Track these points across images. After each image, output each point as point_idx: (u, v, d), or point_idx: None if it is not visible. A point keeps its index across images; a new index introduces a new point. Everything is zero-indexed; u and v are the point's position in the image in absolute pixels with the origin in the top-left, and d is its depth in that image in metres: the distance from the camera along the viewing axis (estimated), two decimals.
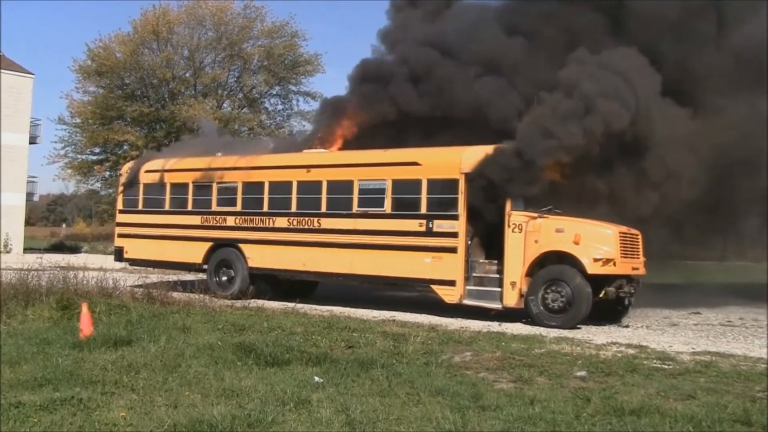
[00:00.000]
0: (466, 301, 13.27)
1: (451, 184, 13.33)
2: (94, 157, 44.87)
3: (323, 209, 14.89)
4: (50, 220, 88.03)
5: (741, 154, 14.48)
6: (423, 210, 13.65)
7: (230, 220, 16.16)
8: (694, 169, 13.85)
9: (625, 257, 12.73)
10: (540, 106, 13.12)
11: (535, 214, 12.78)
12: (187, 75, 44.70)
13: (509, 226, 12.87)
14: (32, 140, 38.93)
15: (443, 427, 5.77)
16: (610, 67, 13.17)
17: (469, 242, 13.29)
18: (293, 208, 15.28)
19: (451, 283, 13.27)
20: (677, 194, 13.81)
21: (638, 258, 13.32)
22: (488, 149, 13.18)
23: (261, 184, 15.78)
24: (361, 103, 16.35)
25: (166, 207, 17.13)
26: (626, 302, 13.30)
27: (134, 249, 17.51)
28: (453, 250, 13.24)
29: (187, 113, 41.13)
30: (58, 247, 38.58)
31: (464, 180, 13.15)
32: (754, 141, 14.25)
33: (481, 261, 13.46)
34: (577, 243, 12.44)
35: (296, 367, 7.87)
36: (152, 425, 5.62)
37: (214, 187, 16.41)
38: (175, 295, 12.60)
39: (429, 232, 13.53)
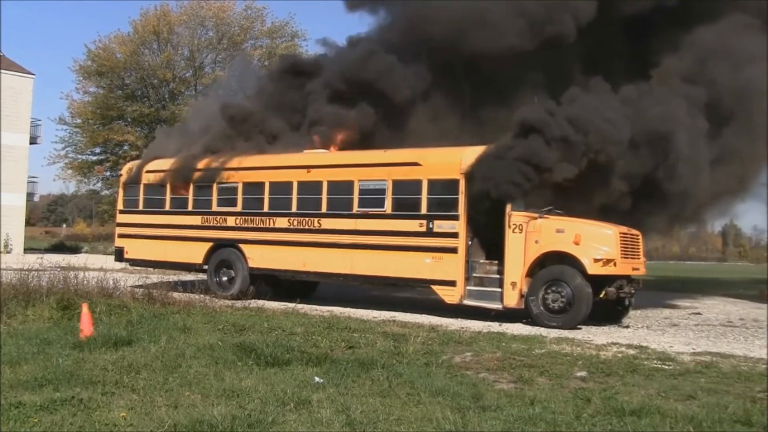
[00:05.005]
0: (467, 302, 13.27)
1: (451, 185, 13.33)
2: (95, 158, 44.93)
3: (323, 209, 14.89)
4: (50, 221, 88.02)
5: None
6: (423, 210, 13.64)
7: (230, 221, 16.16)
8: None
9: (625, 257, 12.73)
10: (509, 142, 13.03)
11: (536, 215, 12.78)
12: (188, 75, 44.71)
13: (509, 226, 12.86)
14: (32, 140, 38.94)
15: (443, 428, 5.76)
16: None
17: (470, 242, 13.29)
18: (293, 209, 15.28)
19: (452, 283, 13.27)
20: None
21: (638, 258, 13.33)
22: (488, 149, 13.18)
23: (261, 185, 15.78)
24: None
25: (167, 207, 17.13)
26: (626, 302, 13.32)
27: (134, 249, 17.51)
28: (453, 250, 13.23)
29: (188, 113, 41.11)
30: (59, 248, 38.58)
31: (464, 180, 13.15)
32: None
33: (481, 261, 13.46)
34: (577, 243, 12.43)
35: (296, 368, 7.86)
36: (152, 425, 5.62)
37: (215, 187, 16.42)
38: (176, 295, 12.59)
39: (429, 233, 13.52)
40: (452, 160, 13.42)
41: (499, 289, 12.96)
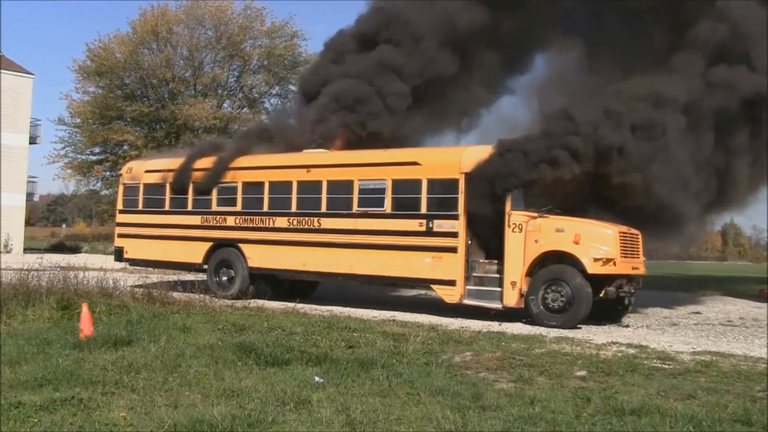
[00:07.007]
0: (466, 301, 13.27)
1: (451, 184, 13.32)
2: (94, 157, 44.94)
3: (323, 209, 14.89)
4: (50, 220, 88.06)
5: None
6: (423, 210, 13.64)
7: (230, 220, 16.15)
8: None
9: (625, 257, 12.73)
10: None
11: (536, 214, 12.78)
12: (187, 75, 44.71)
13: (509, 225, 12.86)
14: (32, 140, 38.97)
15: (443, 427, 5.77)
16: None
17: (469, 242, 13.29)
18: (293, 208, 15.28)
19: (452, 282, 13.27)
20: None
21: (638, 257, 13.33)
22: (488, 149, 13.19)
23: (261, 184, 15.78)
24: None
25: (166, 207, 17.13)
26: (626, 302, 13.32)
27: (134, 249, 17.51)
28: (453, 249, 13.23)
29: (187, 113, 41.16)
30: (58, 248, 38.57)
31: (464, 180, 13.15)
32: None
33: (481, 261, 13.46)
34: (577, 243, 12.43)
35: (296, 367, 7.86)
36: (152, 425, 5.62)
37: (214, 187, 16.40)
38: (175, 295, 12.59)
39: (429, 232, 13.52)
40: (452, 160, 13.42)
41: (499, 289, 12.96)
